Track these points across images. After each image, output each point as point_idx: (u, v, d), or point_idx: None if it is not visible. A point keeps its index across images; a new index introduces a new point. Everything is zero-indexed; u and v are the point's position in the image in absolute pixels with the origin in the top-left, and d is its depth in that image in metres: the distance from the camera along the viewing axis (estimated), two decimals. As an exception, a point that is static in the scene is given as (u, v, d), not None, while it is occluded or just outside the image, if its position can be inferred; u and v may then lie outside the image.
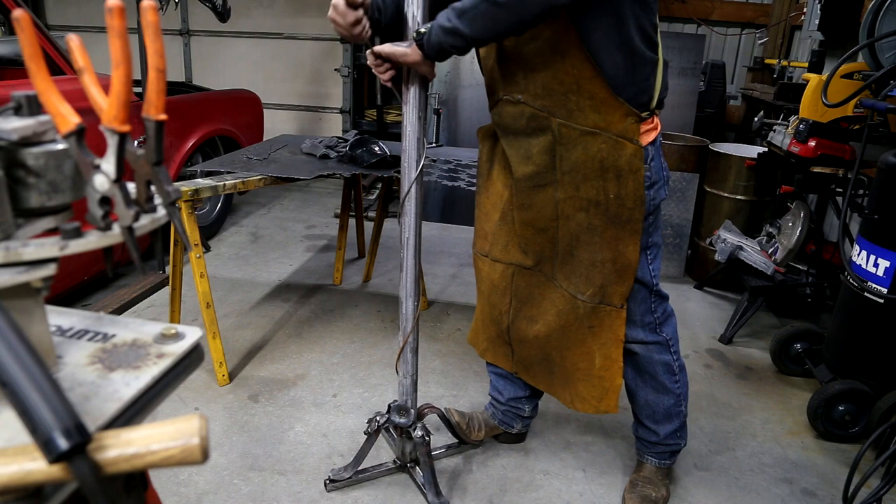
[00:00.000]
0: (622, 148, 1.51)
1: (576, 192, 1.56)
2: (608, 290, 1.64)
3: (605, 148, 1.51)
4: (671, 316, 1.79)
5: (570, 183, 1.56)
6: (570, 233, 1.61)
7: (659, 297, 1.73)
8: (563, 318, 1.71)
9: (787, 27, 4.65)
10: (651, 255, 1.67)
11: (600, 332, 1.69)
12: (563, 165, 1.55)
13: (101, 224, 0.60)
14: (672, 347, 1.79)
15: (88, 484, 0.46)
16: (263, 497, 1.87)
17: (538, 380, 1.89)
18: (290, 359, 2.64)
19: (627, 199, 1.55)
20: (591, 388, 1.74)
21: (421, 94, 1.59)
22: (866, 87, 2.25)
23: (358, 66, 5.78)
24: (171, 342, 0.67)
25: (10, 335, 0.47)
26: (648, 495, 1.88)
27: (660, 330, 1.75)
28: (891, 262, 1.95)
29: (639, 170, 1.52)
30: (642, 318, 1.72)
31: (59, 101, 0.57)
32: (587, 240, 1.60)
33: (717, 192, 3.54)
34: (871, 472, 1.74)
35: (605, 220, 1.57)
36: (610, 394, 1.73)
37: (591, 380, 1.73)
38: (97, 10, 5.74)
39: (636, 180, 1.53)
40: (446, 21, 1.39)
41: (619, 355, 1.70)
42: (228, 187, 2.32)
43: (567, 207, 1.59)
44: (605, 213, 1.56)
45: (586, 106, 1.49)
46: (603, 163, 1.52)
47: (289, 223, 4.46)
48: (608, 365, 1.71)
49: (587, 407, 1.77)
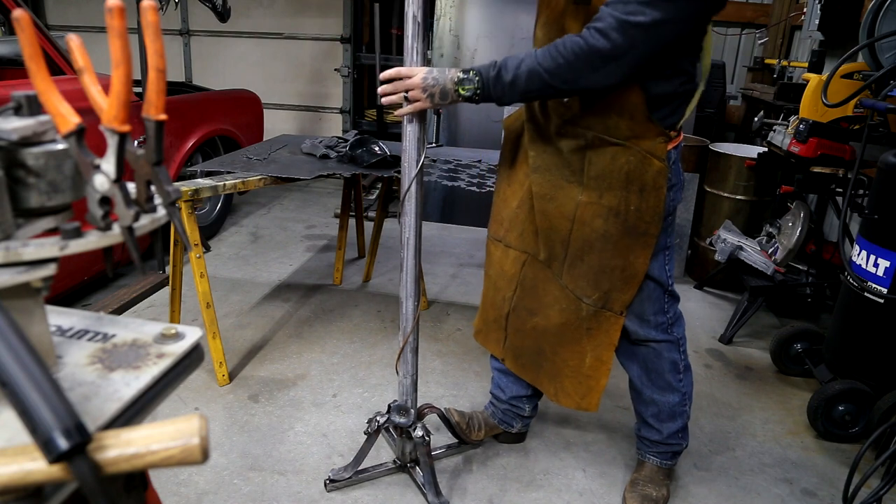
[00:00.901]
0: (649, 164, 1.54)
1: (598, 199, 1.59)
2: (612, 296, 1.67)
3: (633, 161, 1.54)
4: (681, 317, 1.81)
5: (595, 189, 1.59)
6: (583, 238, 1.63)
7: (672, 298, 1.76)
8: (564, 317, 1.73)
9: (787, 27, 4.65)
10: (667, 256, 1.70)
11: (597, 334, 1.72)
12: (591, 170, 1.58)
13: (101, 224, 0.60)
14: (681, 347, 1.81)
15: (88, 484, 0.46)
16: (263, 497, 1.87)
17: (525, 370, 1.92)
18: (290, 359, 2.64)
19: (646, 214, 1.58)
20: (578, 384, 1.78)
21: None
22: (866, 87, 2.25)
23: (358, 66, 5.79)
24: (171, 342, 0.67)
25: (10, 335, 0.47)
26: (649, 494, 1.88)
27: (671, 330, 1.77)
28: (891, 262, 1.95)
29: (661, 187, 1.56)
30: (655, 318, 1.74)
31: (59, 101, 0.57)
32: (601, 247, 1.62)
33: (717, 192, 3.54)
34: (871, 472, 1.74)
35: (621, 230, 1.60)
36: (594, 392, 1.77)
37: (579, 377, 1.77)
38: (97, 10, 5.74)
39: (657, 197, 1.57)
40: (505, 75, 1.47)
41: (609, 358, 1.74)
42: (228, 187, 2.32)
43: (586, 212, 1.61)
44: (624, 224, 1.59)
45: (623, 124, 1.53)
46: (629, 175, 1.55)
47: (289, 223, 4.45)
48: (597, 366, 1.75)
49: (569, 402, 1.81)
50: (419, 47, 1.55)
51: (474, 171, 2.96)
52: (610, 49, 1.36)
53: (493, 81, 1.48)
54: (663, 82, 1.50)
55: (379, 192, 3.54)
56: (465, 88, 1.50)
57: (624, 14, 1.34)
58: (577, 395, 1.79)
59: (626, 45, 1.35)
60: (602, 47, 1.36)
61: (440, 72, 1.53)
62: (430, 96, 1.53)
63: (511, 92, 1.48)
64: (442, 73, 1.52)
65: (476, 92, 1.50)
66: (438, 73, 1.52)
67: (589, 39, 1.37)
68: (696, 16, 1.41)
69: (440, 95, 1.52)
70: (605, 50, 1.36)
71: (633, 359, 1.83)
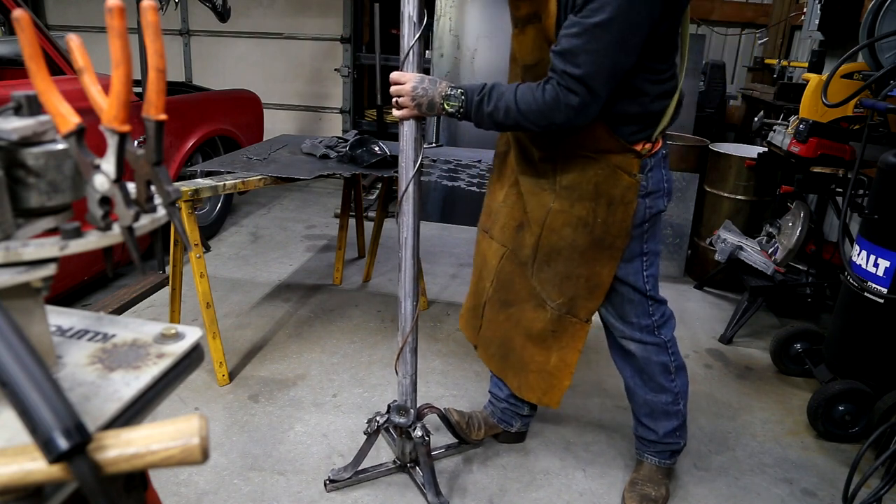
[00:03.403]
0: (618, 178, 1.57)
1: (570, 209, 1.62)
2: (577, 303, 1.71)
3: (601, 174, 1.57)
4: (670, 318, 1.82)
5: (567, 198, 1.62)
6: (551, 244, 1.67)
7: (655, 301, 1.76)
8: (534, 314, 1.78)
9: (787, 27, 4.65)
10: (647, 262, 1.71)
11: (562, 337, 1.76)
12: (563, 180, 1.62)
13: (101, 224, 0.60)
14: (670, 349, 1.82)
15: (88, 484, 0.46)
16: (263, 497, 1.87)
17: (493, 361, 1.95)
18: (290, 359, 2.64)
19: (613, 227, 1.61)
20: (541, 381, 1.83)
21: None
22: (866, 87, 2.25)
23: (358, 66, 5.78)
24: (171, 342, 0.67)
25: (10, 335, 0.47)
26: (648, 494, 1.88)
27: (658, 332, 1.78)
28: (891, 262, 1.95)
29: (631, 202, 1.58)
30: (639, 321, 1.76)
31: (59, 101, 0.57)
32: (567, 255, 1.66)
33: (717, 192, 3.54)
34: (871, 472, 1.75)
35: (588, 241, 1.63)
36: (555, 390, 1.82)
37: (543, 374, 1.82)
38: (97, 10, 5.73)
39: (626, 211, 1.59)
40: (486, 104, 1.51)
41: (573, 361, 1.78)
42: (228, 187, 2.32)
43: (556, 220, 1.65)
44: (591, 234, 1.62)
45: (588, 138, 1.55)
46: (598, 187, 1.58)
47: (289, 223, 4.45)
48: (561, 367, 1.79)
49: (532, 396, 1.87)
50: (416, 48, 1.55)
51: (474, 171, 2.96)
52: (578, 103, 1.40)
53: (475, 106, 1.53)
54: (629, 101, 1.50)
55: (379, 192, 3.54)
56: (450, 104, 1.55)
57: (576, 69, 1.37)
58: (539, 390, 1.84)
59: (590, 96, 1.40)
60: (571, 102, 1.40)
61: (431, 83, 1.55)
62: (418, 105, 1.56)
63: (488, 121, 1.53)
64: (433, 84, 1.55)
65: (459, 110, 1.55)
66: (429, 84, 1.55)
67: (561, 94, 1.41)
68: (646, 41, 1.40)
69: (427, 106, 1.56)
70: (575, 104, 1.40)
71: (625, 361, 1.85)
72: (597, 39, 1.34)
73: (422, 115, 1.59)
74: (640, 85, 1.49)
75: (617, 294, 1.72)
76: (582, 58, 1.36)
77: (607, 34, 1.34)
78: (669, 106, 1.56)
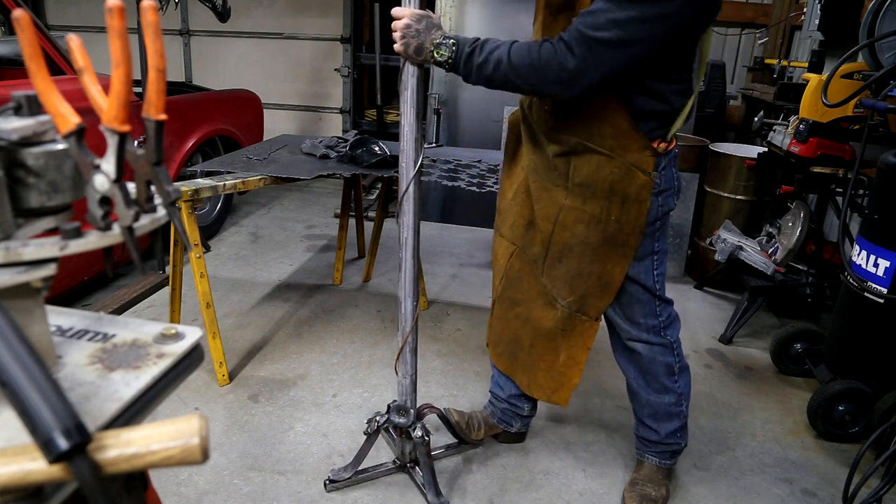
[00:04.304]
0: (634, 176, 1.55)
1: (582, 205, 1.61)
2: (587, 301, 1.70)
3: (617, 172, 1.55)
4: (676, 320, 1.82)
5: (580, 195, 1.60)
6: (563, 241, 1.66)
7: (663, 301, 1.76)
8: (543, 313, 1.77)
9: (787, 27, 4.64)
10: (657, 261, 1.70)
11: (571, 336, 1.75)
12: (576, 177, 1.60)
13: (101, 224, 0.60)
14: (675, 350, 1.82)
15: (88, 484, 0.46)
16: (263, 497, 1.87)
17: (501, 359, 1.95)
18: (290, 359, 2.63)
19: (626, 225, 1.59)
20: (550, 379, 1.82)
21: (419, 94, 1.60)
22: (866, 87, 2.25)
23: (358, 66, 5.78)
24: (171, 342, 0.67)
25: (10, 335, 0.47)
26: (648, 494, 1.88)
27: (664, 333, 1.78)
28: (891, 262, 1.95)
29: (645, 200, 1.57)
30: (646, 321, 1.75)
31: (59, 101, 0.57)
32: (579, 252, 1.65)
33: (717, 192, 3.54)
34: (871, 472, 1.74)
35: (601, 238, 1.62)
36: (565, 388, 1.81)
37: (552, 372, 1.81)
38: (97, 10, 5.73)
39: (640, 209, 1.58)
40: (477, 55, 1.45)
41: (582, 359, 1.77)
42: (228, 187, 2.32)
43: (568, 217, 1.63)
44: (604, 232, 1.61)
45: (607, 133, 1.53)
46: (613, 185, 1.56)
47: (289, 223, 4.45)
48: (571, 364, 1.78)
49: (541, 394, 1.87)
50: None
51: (474, 171, 2.96)
52: (574, 66, 1.36)
53: (465, 57, 1.47)
54: (648, 99, 1.50)
55: (379, 192, 3.54)
56: (439, 53, 1.48)
57: (590, 29, 1.34)
58: (549, 388, 1.84)
59: (590, 62, 1.35)
60: (567, 63, 1.36)
61: (427, 27, 1.49)
62: (406, 45, 1.50)
63: (477, 74, 1.47)
64: (428, 29, 1.49)
65: (448, 60, 1.48)
66: (424, 28, 1.49)
67: (559, 51, 1.37)
68: (667, 38, 1.38)
69: (415, 49, 1.50)
70: (570, 66, 1.36)
71: (629, 361, 1.84)
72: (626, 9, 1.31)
73: (408, 58, 1.53)
74: (659, 85, 1.49)
75: (626, 293, 1.71)
76: (601, 19, 1.32)
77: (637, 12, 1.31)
78: (687, 105, 1.56)
